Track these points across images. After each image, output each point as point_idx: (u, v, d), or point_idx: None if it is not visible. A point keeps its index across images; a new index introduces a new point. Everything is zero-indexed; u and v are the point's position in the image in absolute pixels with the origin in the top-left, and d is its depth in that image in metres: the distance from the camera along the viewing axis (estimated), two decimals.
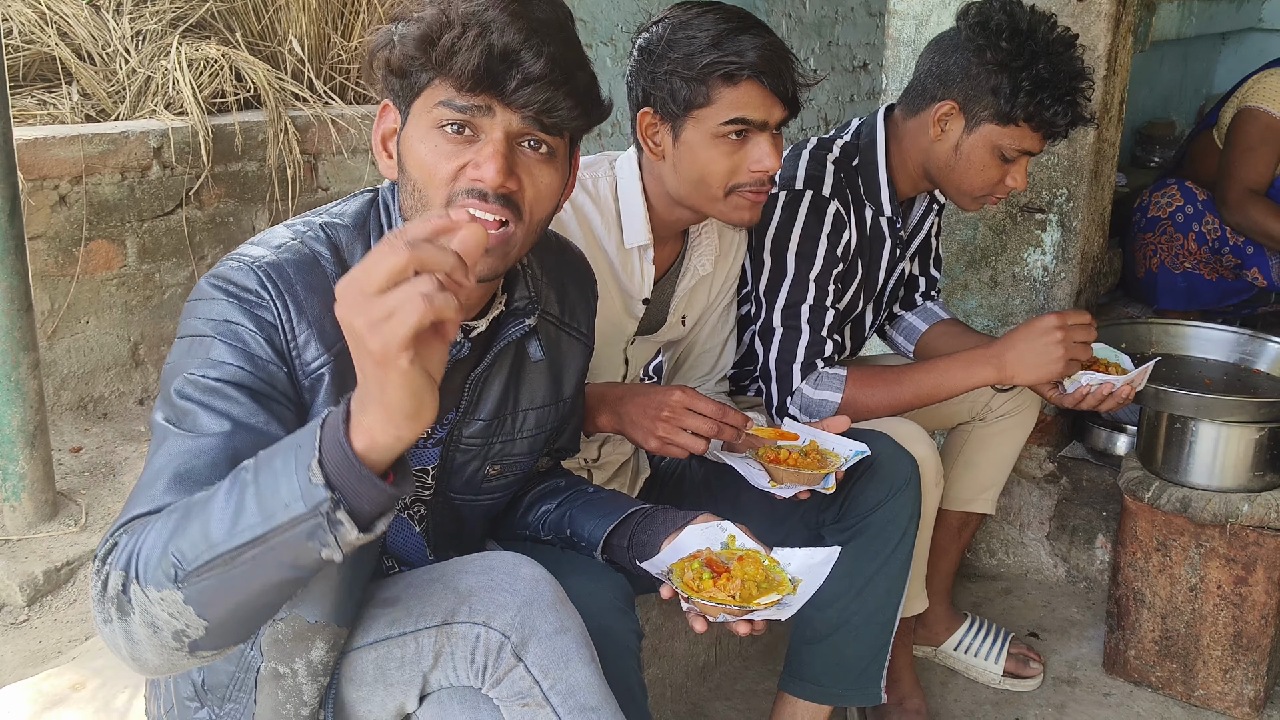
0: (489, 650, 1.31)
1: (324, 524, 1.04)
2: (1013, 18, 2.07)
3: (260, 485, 1.07)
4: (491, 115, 1.30)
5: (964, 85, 2.10)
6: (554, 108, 1.30)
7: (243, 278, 1.31)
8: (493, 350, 1.49)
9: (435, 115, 1.31)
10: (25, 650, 2.41)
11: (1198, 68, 5.51)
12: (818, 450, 1.85)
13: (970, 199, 2.20)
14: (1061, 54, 2.06)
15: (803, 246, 2.12)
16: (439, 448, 1.54)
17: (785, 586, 1.46)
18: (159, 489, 1.20)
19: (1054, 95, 2.05)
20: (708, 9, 1.83)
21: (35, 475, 2.67)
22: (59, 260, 3.05)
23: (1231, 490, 2.35)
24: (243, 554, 1.07)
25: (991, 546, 3.05)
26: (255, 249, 1.35)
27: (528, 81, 1.28)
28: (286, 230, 1.39)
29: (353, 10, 3.84)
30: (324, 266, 1.35)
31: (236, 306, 1.30)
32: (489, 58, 1.26)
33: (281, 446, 1.09)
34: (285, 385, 1.31)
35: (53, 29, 3.32)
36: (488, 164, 1.29)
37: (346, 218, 1.42)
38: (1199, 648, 2.43)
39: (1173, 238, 3.31)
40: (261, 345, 1.29)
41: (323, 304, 1.33)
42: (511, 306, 1.49)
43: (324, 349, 1.33)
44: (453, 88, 1.29)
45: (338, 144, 3.62)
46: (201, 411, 1.25)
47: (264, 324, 1.30)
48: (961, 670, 2.57)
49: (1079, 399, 2.10)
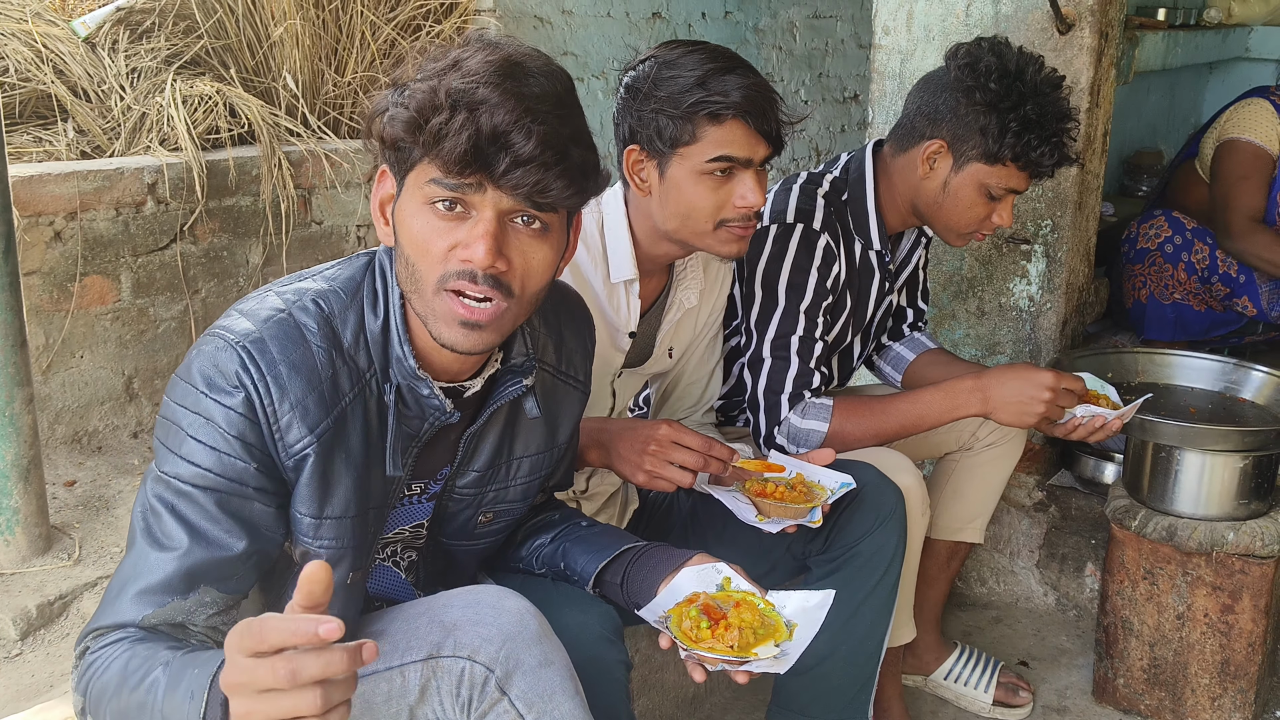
0: (474, 684, 1.32)
1: None
2: (1001, 59, 2.10)
3: (166, 707, 1.17)
4: (483, 192, 1.28)
5: (952, 124, 2.13)
6: (545, 189, 1.27)
7: (225, 360, 1.29)
8: (487, 410, 1.49)
9: (426, 192, 1.29)
10: (18, 684, 2.42)
11: (1185, 97, 5.56)
12: (804, 483, 1.87)
13: (957, 235, 2.23)
14: (1049, 95, 2.10)
15: (793, 279, 2.15)
16: (433, 502, 1.55)
17: (782, 631, 1.47)
18: (122, 604, 1.29)
19: (1041, 136, 2.09)
20: (693, 49, 1.86)
21: (29, 509, 2.68)
22: (54, 295, 3.07)
23: (1217, 518, 2.37)
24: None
25: (981, 575, 3.06)
26: (241, 321, 1.33)
27: (517, 164, 1.25)
28: (276, 299, 1.37)
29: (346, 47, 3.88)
30: (310, 342, 1.34)
31: (209, 399, 1.29)
32: (477, 141, 1.24)
33: (189, 669, 1.16)
34: (256, 479, 1.32)
35: (49, 67, 3.36)
36: (476, 244, 1.27)
37: (340, 283, 1.40)
38: (1187, 676, 2.44)
39: (1162, 268, 3.34)
40: (230, 443, 1.29)
41: (306, 384, 1.32)
42: (508, 364, 1.49)
43: (307, 430, 1.32)
44: (441, 169, 1.27)
45: (331, 178, 3.65)
46: (167, 516, 1.30)
47: (233, 417, 1.29)
48: (951, 699, 2.58)
49: (1070, 430, 2.13)
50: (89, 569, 2.69)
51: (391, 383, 1.39)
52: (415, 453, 1.45)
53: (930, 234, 2.47)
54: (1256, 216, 3.25)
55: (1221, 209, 3.27)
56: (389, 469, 1.41)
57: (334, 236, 3.73)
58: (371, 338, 1.38)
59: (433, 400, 1.40)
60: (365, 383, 1.38)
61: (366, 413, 1.38)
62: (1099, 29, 2.70)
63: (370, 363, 1.38)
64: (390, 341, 1.38)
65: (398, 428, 1.41)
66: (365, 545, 1.44)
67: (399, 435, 1.41)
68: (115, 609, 1.29)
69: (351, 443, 1.37)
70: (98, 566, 2.69)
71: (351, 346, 1.37)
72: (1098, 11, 2.68)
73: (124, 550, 1.37)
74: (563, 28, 4.37)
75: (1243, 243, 3.23)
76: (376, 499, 1.43)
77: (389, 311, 1.39)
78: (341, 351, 1.36)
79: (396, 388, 1.39)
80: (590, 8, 4.48)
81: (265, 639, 0.98)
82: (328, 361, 1.34)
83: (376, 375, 1.38)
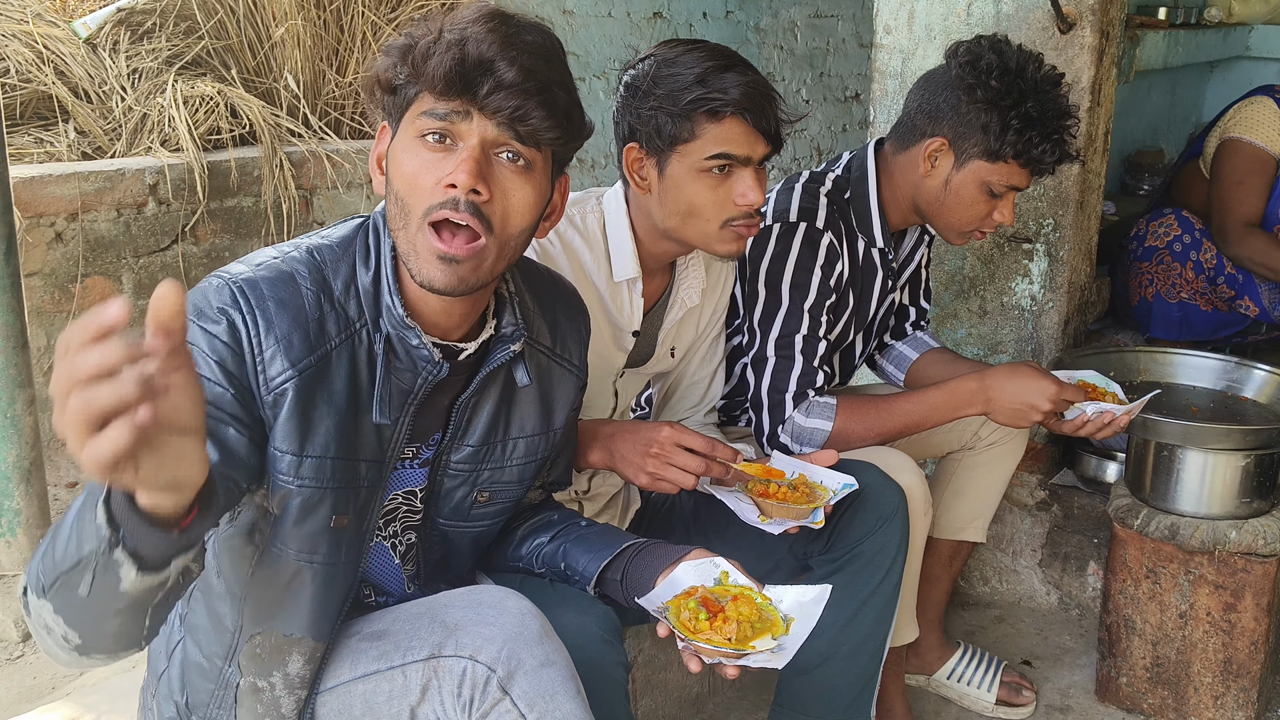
0: (475, 684, 1.32)
1: (109, 560, 1.05)
2: (1002, 56, 2.10)
3: (82, 512, 1.08)
4: (469, 120, 1.33)
5: (953, 122, 2.14)
6: (526, 115, 1.32)
7: (214, 294, 1.34)
8: (480, 375, 1.51)
9: (417, 125, 1.35)
10: (20, 686, 2.42)
11: (1186, 96, 5.55)
12: (806, 483, 1.87)
13: (958, 234, 2.23)
14: (1049, 92, 2.10)
15: (797, 277, 2.15)
16: (426, 469, 1.55)
17: (778, 626, 1.48)
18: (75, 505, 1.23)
19: (1042, 133, 2.09)
20: (693, 47, 1.86)
21: (31, 511, 2.68)
22: (55, 297, 3.07)
23: (1219, 517, 2.37)
24: (73, 576, 1.09)
25: (984, 574, 3.06)
26: (238, 266, 1.39)
27: (499, 87, 1.31)
28: (273, 250, 1.43)
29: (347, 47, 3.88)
30: (299, 284, 1.38)
31: (195, 326, 1.32)
32: (463, 64, 1.31)
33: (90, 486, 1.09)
34: (232, 405, 1.33)
35: (50, 68, 3.36)
36: (459, 168, 1.32)
37: (333, 240, 1.45)
38: (1190, 674, 2.44)
39: (1169, 267, 3.33)
40: (211, 367, 1.31)
41: (292, 320, 1.35)
42: (499, 332, 1.51)
43: (289, 364, 1.35)
44: (432, 97, 1.33)
45: (332, 179, 3.65)
46: None
47: (216, 344, 1.32)
48: (954, 699, 2.58)
49: (1078, 426, 2.13)
50: None
51: (382, 333, 1.42)
52: (412, 409, 1.46)
53: (933, 232, 2.47)
54: (1253, 221, 3.24)
55: (1218, 212, 3.27)
56: (375, 415, 1.42)
57: None
58: (362, 289, 1.42)
59: (421, 350, 1.42)
60: (354, 331, 1.41)
61: (354, 361, 1.41)
62: (1100, 28, 2.70)
63: (360, 312, 1.41)
64: (381, 292, 1.42)
65: (387, 378, 1.43)
66: (355, 493, 1.43)
67: (388, 385, 1.43)
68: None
69: (335, 386, 1.39)
70: None
71: (342, 295, 1.41)
72: (1098, 11, 2.68)
73: None
74: (564, 28, 4.37)
75: (1238, 248, 3.23)
76: (368, 450, 1.43)
77: (380, 264, 1.43)
78: (331, 299, 1.40)
79: (386, 338, 1.42)
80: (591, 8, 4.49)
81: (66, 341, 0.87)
82: (315, 304, 1.38)
83: (367, 326, 1.42)
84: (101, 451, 0.86)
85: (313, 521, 1.39)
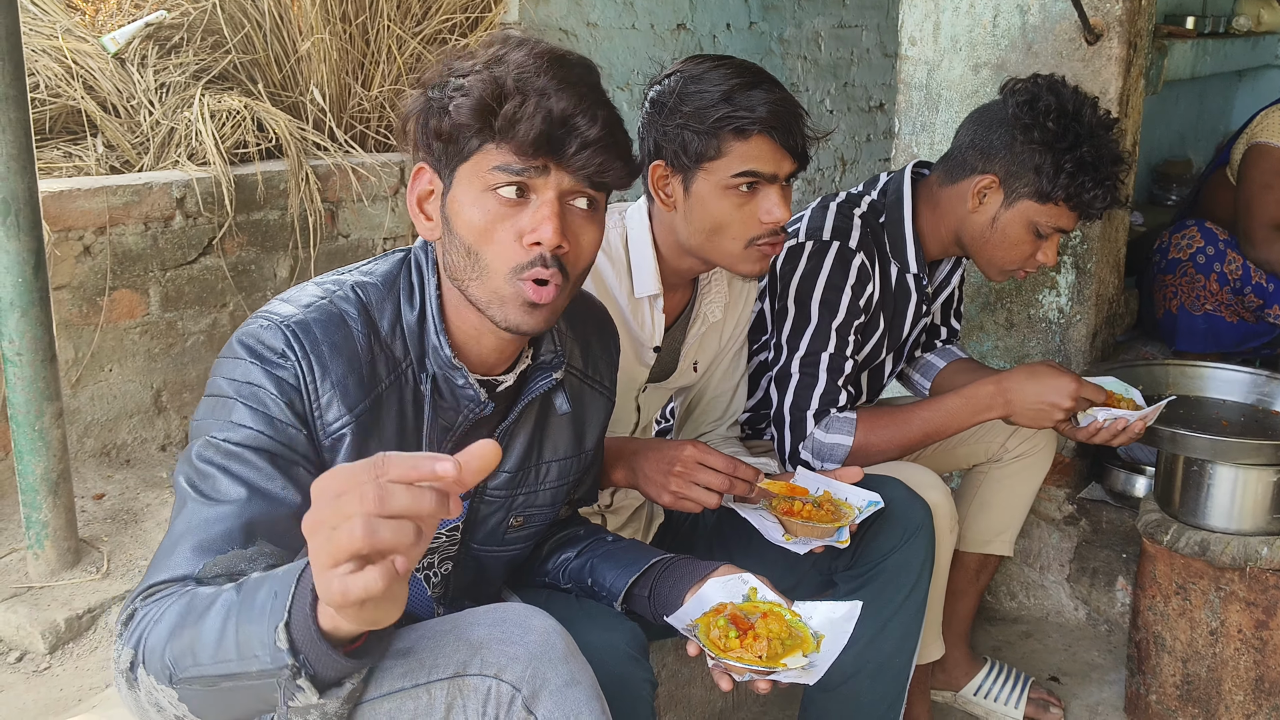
0: (500, 703, 1.31)
1: (286, 684, 1.07)
2: (1059, 98, 2.11)
3: (241, 621, 1.10)
4: (546, 175, 1.34)
5: (1006, 161, 2.14)
6: (606, 169, 1.35)
7: (270, 337, 1.34)
8: (520, 404, 1.52)
9: (489, 179, 1.34)
10: (47, 698, 2.43)
11: (1214, 106, 5.51)
12: (832, 501, 1.86)
13: (999, 271, 2.24)
14: (1103, 137, 2.11)
15: (827, 296, 2.15)
16: (466, 500, 1.56)
17: (809, 642, 1.47)
18: (178, 558, 1.25)
19: (1095, 179, 2.09)
20: (719, 63, 1.86)
21: (58, 523, 2.70)
22: (83, 310, 3.09)
23: (1250, 533, 2.34)
24: (221, 681, 1.12)
25: (1012, 589, 3.03)
26: (285, 306, 1.38)
27: (585, 146, 1.32)
28: (316, 288, 1.42)
29: (373, 61, 3.90)
30: (351, 326, 1.38)
31: (259, 369, 1.33)
32: (549, 124, 1.31)
33: (268, 580, 1.11)
34: (305, 447, 1.35)
35: (79, 83, 3.39)
36: (544, 225, 1.33)
37: (377, 276, 1.45)
38: (1220, 692, 2.41)
39: (1193, 279, 3.30)
40: (282, 409, 1.33)
41: (347, 365, 1.36)
42: (538, 360, 1.52)
43: (346, 410, 1.36)
44: (511, 153, 1.32)
45: (358, 192, 3.67)
46: (220, 475, 1.29)
47: (285, 386, 1.33)
48: (981, 716, 2.56)
49: (1092, 433, 2.12)
50: (117, 582, 2.70)
51: (428, 373, 1.42)
52: (451, 447, 1.46)
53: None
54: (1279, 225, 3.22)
55: (1244, 216, 3.24)
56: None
57: (361, 250, 3.74)
58: (408, 328, 1.43)
59: (468, 390, 1.43)
60: (401, 372, 1.42)
61: (401, 401, 1.42)
62: (1127, 39, 2.68)
63: (406, 352, 1.42)
64: (426, 332, 1.43)
65: (434, 418, 1.44)
66: None
67: (434, 426, 1.44)
68: (169, 564, 1.25)
69: (385, 427, 1.40)
70: (126, 580, 2.71)
71: (388, 335, 1.41)
72: (1126, 21, 2.66)
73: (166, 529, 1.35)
74: (587, 40, 4.38)
75: (1264, 251, 3.20)
76: None
77: (425, 303, 1.43)
78: (379, 339, 1.40)
79: (432, 378, 1.43)
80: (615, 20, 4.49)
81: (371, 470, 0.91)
82: (367, 346, 1.39)
83: (413, 366, 1.42)
84: (354, 588, 0.90)
85: None
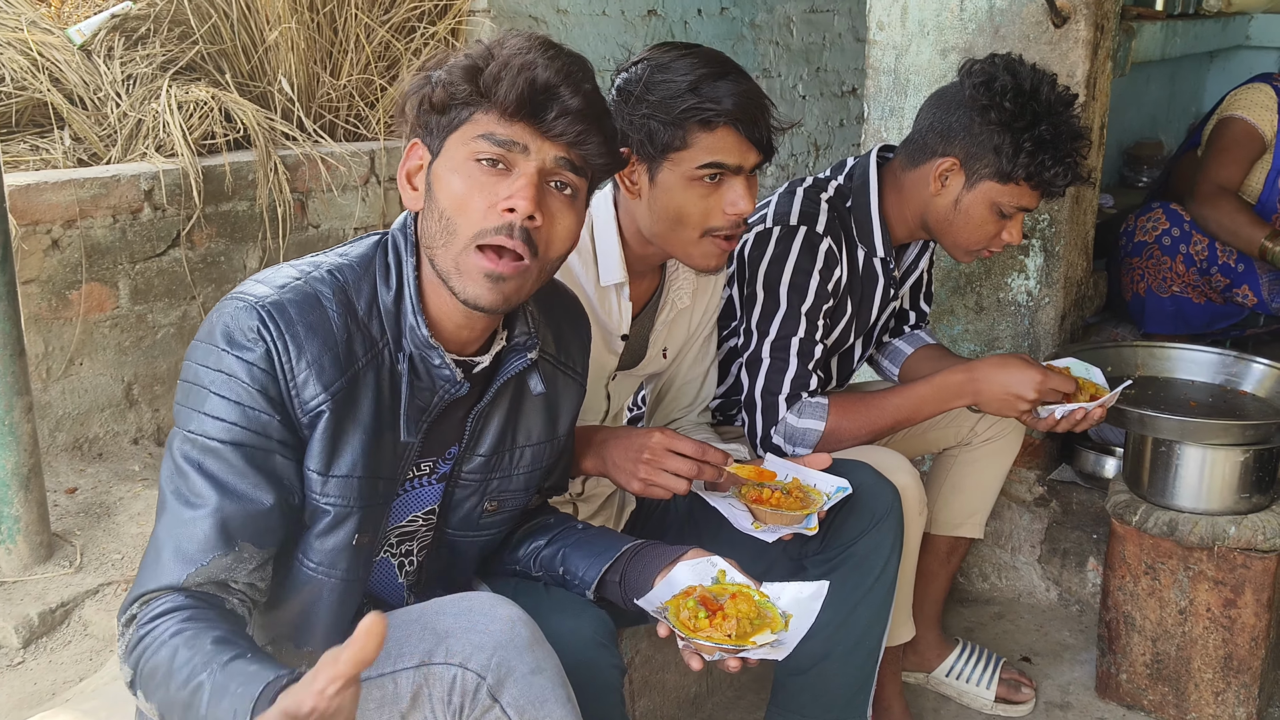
0: (465, 691, 1.32)
1: None
2: (1016, 77, 2.11)
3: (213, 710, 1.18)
4: (527, 153, 1.38)
5: (966, 142, 2.14)
6: (585, 141, 1.40)
7: (244, 318, 1.35)
8: (495, 384, 1.54)
9: (472, 148, 1.38)
10: (20, 692, 2.42)
11: (1185, 87, 5.54)
12: (800, 488, 1.87)
13: (965, 252, 2.24)
14: (1062, 114, 2.11)
15: (795, 280, 2.15)
16: (442, 484, 1.57)
17: (777, 622, 1.50)
18: (163, 567, 1.33)
19: (1055, 156, 2.10)
20: (686, 53, 1.86)
21: (30, 518, 2.68)
22: (52, 304, 3.07)
23: (1218, 513, 2.36)
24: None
25: (983, 570, 3.05)
26: (259, 287, 1.40)
27: (565, 113, 1.37)
28: (292, 269, 1.44)
29: (341, 49, 3.87)
30: (326, 307, 1.40)
31: (231, 356, 1.35)
32: (532, 88, 1.36)
33: (233, 685, 1.18)
34: (280, 432, 1.37)
35: (45, 75, 3.35)
36: (519, 195, 1.36)
37: (352, 258, 1.47)
38: (1190, 671, 2.44)
39: (1159, 261, 3.32)
40: (254, 396, 1.35)
41: (322, 344, 1.38)
42: (512, 342, 1.54)
43: (322, 388, 1.38)
44: (494, 119, 1.37)
45: (327, 181, 3.65)
46: (194, 474, 1.34)
47: (256, 372, 1.35)
48: (953, 697, 2.57)
49: (1050, 426, 2.15)
50: (90, 576, 2.69)
51: (404, 352, 1.44)
52: (425, 426, 1.49)
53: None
54: (1228, 186, 3.22)
55: (1201, 178, 3.25)
56: (403, 434, 1.46)
57: (331, 240, 3.72)
58: (384, 308, 1.44)
59: (443, 370, 1.45)
60: (378, 351, 1.44)
61: (378, 380, 1.43)
62: (1094, 21, 2.69)
63: (383, 332, 1.44)
64: (403, 312, 1.45)
65: (410, 397, 1.46)
66: (374, 511, 1.47)
67: (411, 406, 1.46)
68: (157, 572, 1.33)
69: (362, 406, 1.42)
70: (99, 574, 2.69)
71: (365, 315, 1.43)
72: (1093, 4, 2.67)
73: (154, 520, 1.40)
74: (558, 26, 4.36)
75: (1205, 207, 3.19)
76: (387, 468, 1.46)
77: (403, 283, 1.45)
78: (355, 319, 1.42)
79: (409, 357, 1.45)
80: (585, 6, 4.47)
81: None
82: (343, 326, 1.40)
83: (389, 345, 1.44)
84: None
85: (337, 537, 1.44)
